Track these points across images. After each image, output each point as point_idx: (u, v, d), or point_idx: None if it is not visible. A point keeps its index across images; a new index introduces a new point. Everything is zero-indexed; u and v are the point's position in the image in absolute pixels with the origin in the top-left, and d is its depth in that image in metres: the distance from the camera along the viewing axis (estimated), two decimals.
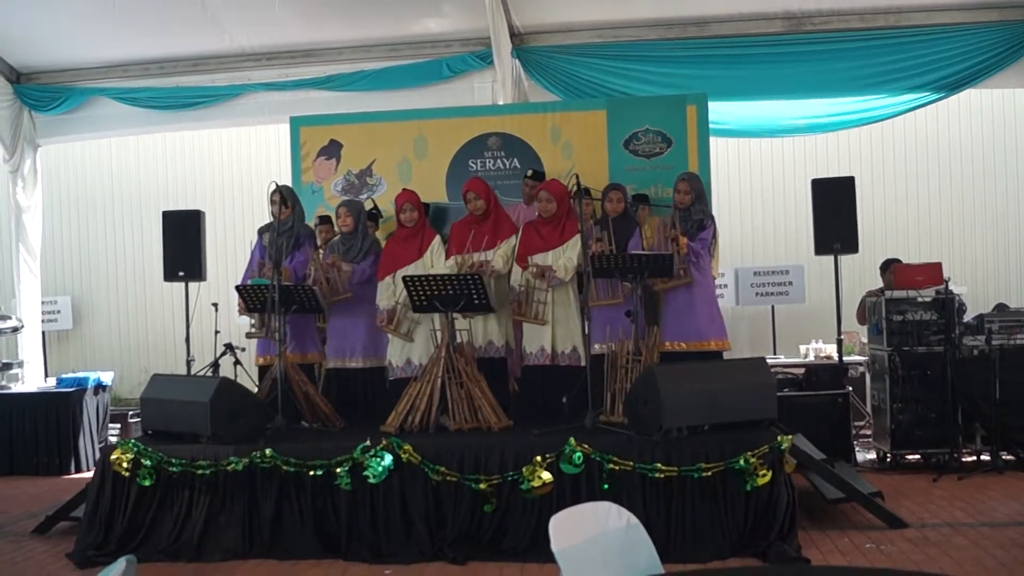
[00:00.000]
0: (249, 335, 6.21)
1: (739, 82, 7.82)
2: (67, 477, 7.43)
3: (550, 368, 5.82)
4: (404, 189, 6.19)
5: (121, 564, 2.25)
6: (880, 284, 7.80)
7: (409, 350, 5.93)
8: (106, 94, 8.57)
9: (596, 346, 5.63)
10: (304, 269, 6.07)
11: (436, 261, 5.96)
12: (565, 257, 5.78)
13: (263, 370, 6.18)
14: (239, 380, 6.25)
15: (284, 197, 6.02)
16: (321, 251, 6.24)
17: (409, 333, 5.90)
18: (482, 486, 4.78)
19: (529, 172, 6.63)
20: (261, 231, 6.37)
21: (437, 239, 6.07)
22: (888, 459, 6.73)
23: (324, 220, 6.78)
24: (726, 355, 5.93)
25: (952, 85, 7.73)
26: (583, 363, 5.63)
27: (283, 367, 5.57)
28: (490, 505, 4.79)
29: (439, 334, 5.54)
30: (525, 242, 5.92)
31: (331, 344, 6.14)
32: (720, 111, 7.73)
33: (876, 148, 9.89)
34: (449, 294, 5.37)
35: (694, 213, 5.88)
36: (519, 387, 6.08)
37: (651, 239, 6.02)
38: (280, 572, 4.71)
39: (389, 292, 5.95)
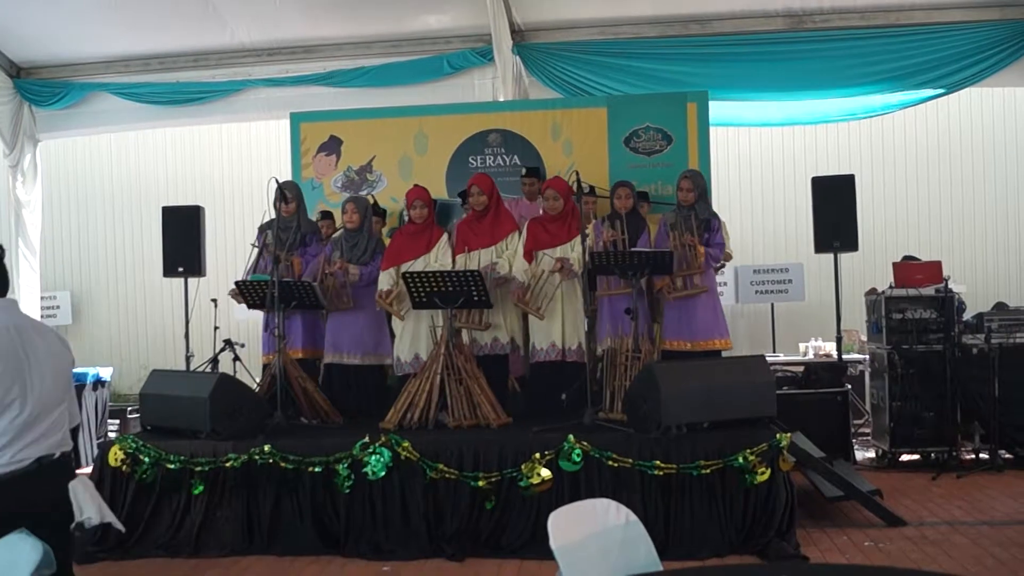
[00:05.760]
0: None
1: (740, 79, 7.81)
2: None
3: (559, 364, 5.80)
4: (416, 185, 6.15)
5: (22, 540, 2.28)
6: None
7: (417, 346, 5.90)
8: (106, 89, 8.56)
9: (608, 341, 5.64)
10: (317, 266, 6.05)
11: (443, 257, 5.96)
12: (577, 252, 5.77)
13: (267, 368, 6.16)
14: (238, 376, 6.25)
15: (287, 194, 6.03)
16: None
17: (400, 311, 5.83)
18: (481, 483, 4.78)
19: (524, 170, 6.64)
20: (262, 228, 6.34)
21: (445, 236, 6.06)
22: (887, 457, 6.73)
23: (326, 215, 6.76)
24: (725, 353, 5.93)
25: (952, 84, 7.72)
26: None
27: (282, 363, 5.57)
28: (491, 502, 4.79)
29: (438, 330, 5.53)
30: (532, 237, 5.90)
31: (329, 340, 6.13)
32: (720, 107, 7.71)
33: (876, 146, 9.88)
34: (449, 290, 5.36)
35: (700, 212, 5.83)
36: (529, 383, 6.04)
37: (652, 236, 6.01)
38: (279, 568, 4.71)
39: (391, 279, 5.91)
